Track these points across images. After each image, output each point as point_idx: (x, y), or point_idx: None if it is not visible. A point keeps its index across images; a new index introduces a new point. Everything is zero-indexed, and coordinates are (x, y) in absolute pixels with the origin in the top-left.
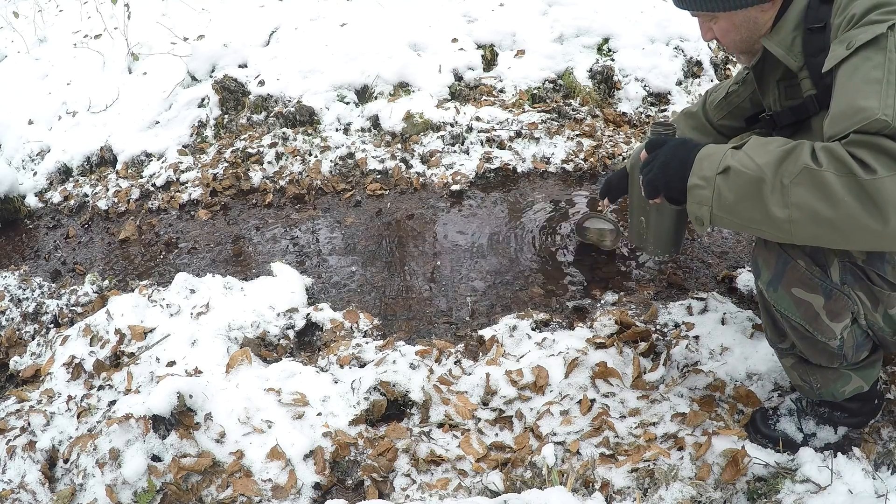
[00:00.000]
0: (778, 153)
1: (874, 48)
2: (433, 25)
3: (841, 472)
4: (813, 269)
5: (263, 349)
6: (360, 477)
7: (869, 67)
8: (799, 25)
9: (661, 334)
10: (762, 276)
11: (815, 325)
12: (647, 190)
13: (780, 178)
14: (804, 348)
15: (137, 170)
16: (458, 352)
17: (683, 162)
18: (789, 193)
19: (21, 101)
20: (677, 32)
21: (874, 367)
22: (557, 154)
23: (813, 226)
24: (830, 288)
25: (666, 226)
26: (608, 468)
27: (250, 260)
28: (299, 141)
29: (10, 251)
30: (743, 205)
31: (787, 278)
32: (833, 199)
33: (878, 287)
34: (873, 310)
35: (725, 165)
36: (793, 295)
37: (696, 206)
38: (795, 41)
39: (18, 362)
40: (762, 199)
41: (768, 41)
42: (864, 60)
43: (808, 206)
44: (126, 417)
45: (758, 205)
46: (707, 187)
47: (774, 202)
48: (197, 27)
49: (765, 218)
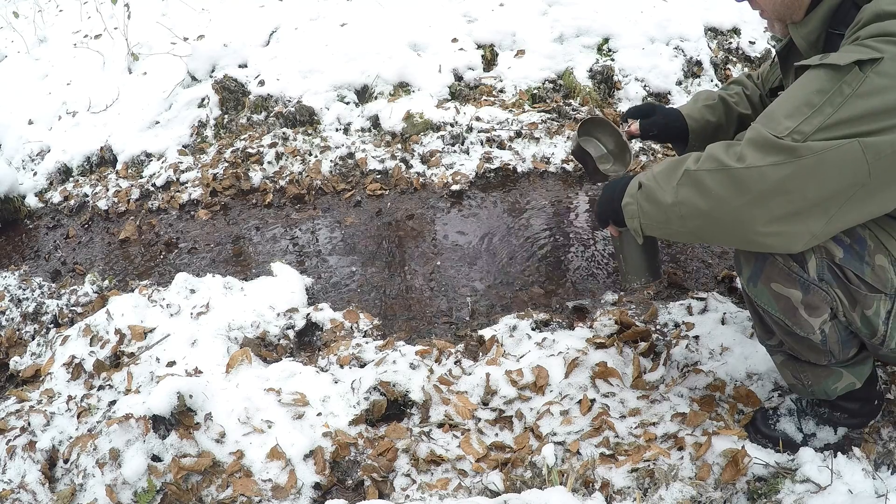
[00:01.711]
0: (669, 164)
1: (833, 73)
2: (433, 25)
3: (841, 472)
4: (790, 264)
5: (263, 349)
6: (360, 477)
7: (813, 88)
8: (825, 23)
9: (661, 334)
10: (743, 272)
11: (793, 319)
12: (598, 222)
13: (669, 182)
14: (791, 344)
15: (137, 170)
16: (458, 352)
17: (615, 190)
18: (676, 193)
19: (21, 101)
20: (677, 32)
21: (865, 364)
22: (557, 154)
23: (696, 218)
24: (808, 283)
25: (635, 254)
26: (608, 468)
27: (250, 260)
28: (299, 141)
29: (10, 251)
30: (654, 211)
31: (765, 273)
32: (704, 190)
33: (854, 287)
34: (851, 309)
35: (640, 182)
36: (772, 290)
37: (630, 220)
38: (820, 38)
39: (18, 362)
40: (662, 203)
41: (795, 32)
42: (815, 79)
43: (689, 201)
44: (126, 417)
45: (660, 208)
46: (633, 202)
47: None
48: (197, 27)
49: (668, 217)
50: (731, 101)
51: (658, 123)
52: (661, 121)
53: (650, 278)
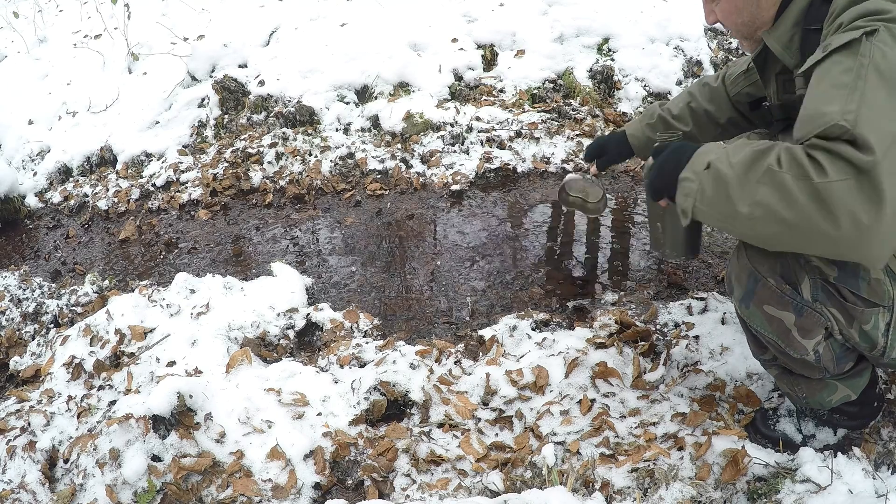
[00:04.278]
0: (751, 153)
1: (846, 52)
2: (433, 25)
3: (841, 472)
4: (783, 286)
5: (263, 349)
6: (360, 477)
7: (838, 72)
8: (799, 23)
9: (661, 334)
10: (735, 293)
11: (786, 340)
12: (650, 192)
13: (748, 176)
14: (785, 361)
15: (137, 170)
16: (458, 352)
17: (678, 160)
18: (755, 192)
19: (21, 101)
20: (677, 32)
21: (861, 377)
22: (557, 154)
23: (772, 224)
24: (802, 305)
25: (679, 229)
26: (608, 468)
27: (250, 260)
28: (299, 141)
29: (10, 251)
30: (718, 199)
31: (758, 296)
32: (790, 199)
33: (851, 304)
34: (848, 326)
35: (709, 161)
36: (765, 312)
37: (682, 197)
38: (794, 38)
39: (18, 362)
40: (731, 196)
41: (768, 37)
42: (834, 64)
43: (767, 205)
44: (126, 417)
45: (728, 201)
46: (694, 180)
47: (740, 199)
48: (197, 27)
49: (733, 213)
50: (670, 120)
51: (611, 159)
52: (613, 155)
53: (690, 256)
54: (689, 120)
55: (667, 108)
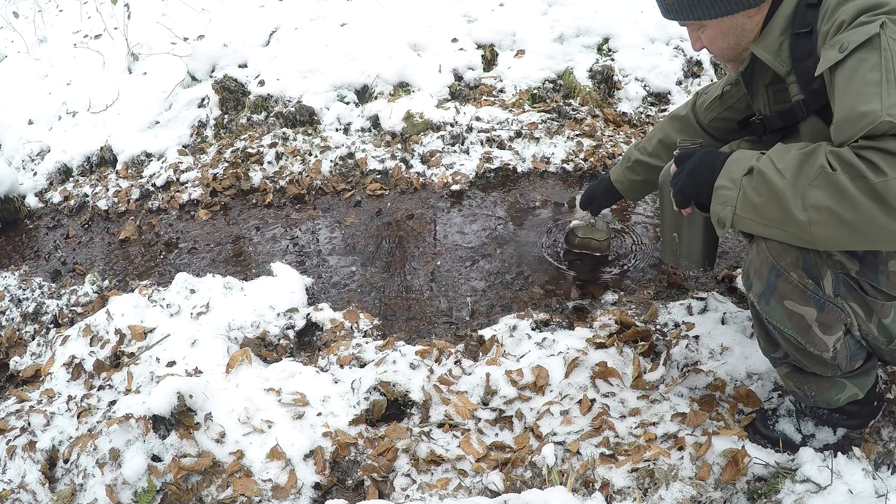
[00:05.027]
0: (798, 156)
1: (869, 49)
2: (433, 25)
3: (841, 472)
4: (806, 281)
5: (263, 349)
6: (360, 477)
7: (866, 69)
8: (786, 30)
9: (661, 334)
10: (754, 289)
11: (807, 337)
12: (678, 199)
13: (799, 180)
14: (798, 358)
15: (137, 170)
16: (458, 352)
17: (711, 167)
18: (808, 196)
19: (21, 101)
20: (677, 32)
21: (868, 375)
22: (557, 154)
23: (833, 227)
24: (823, 300)
25: (698, 239)
26: (608, 468)
27: (250, 260)
28: (299, 141)
29: (10, 251)
30: (767, 205)
31: (779, 291)
32: (850, 201)
33: (871, 298)
34: (867, 320)
35: (750, 167)
36: (785, 307)
37: (719, 206)
38: (783, 46)
39: (18, 362)
40: (785, 202)
41: (756, 47)
42: (860, 62)
43: (826, 209)
44: (126, 417)
45: (780, 206)
46: (733, 188)
47: (795, 204)
48: (197, 27)
49: (787, 219)
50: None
51: (602, 204)
52: (603, 201)
53: (708, 267)
54: (663, 154)
55: (641, 146)
